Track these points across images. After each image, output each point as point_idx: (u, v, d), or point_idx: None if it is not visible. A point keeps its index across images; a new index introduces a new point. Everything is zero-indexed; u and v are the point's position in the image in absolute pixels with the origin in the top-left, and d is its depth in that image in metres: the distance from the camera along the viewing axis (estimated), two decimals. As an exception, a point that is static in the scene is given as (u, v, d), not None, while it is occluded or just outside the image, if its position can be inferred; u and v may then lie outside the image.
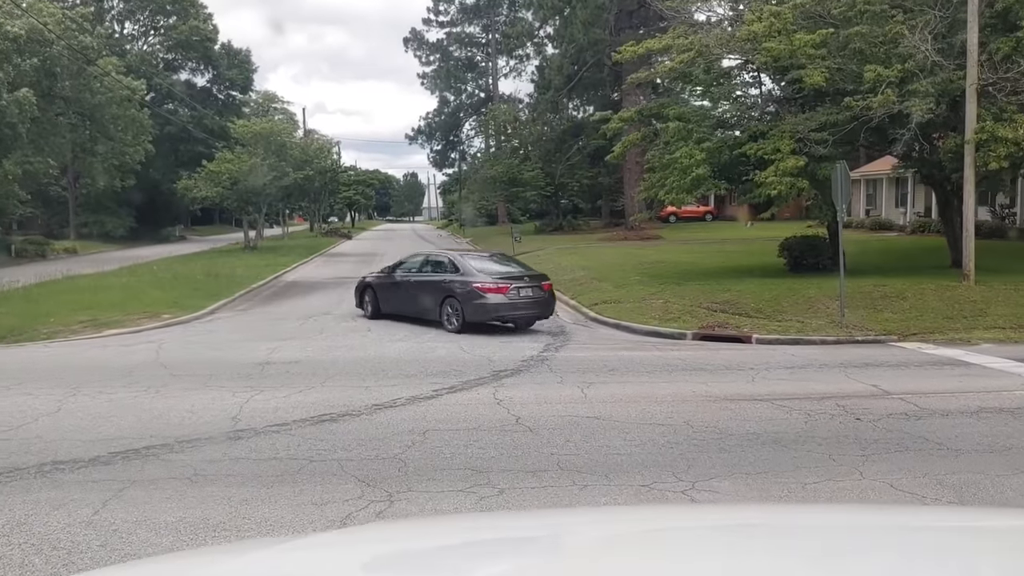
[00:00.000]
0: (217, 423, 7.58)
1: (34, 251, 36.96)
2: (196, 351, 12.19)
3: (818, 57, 16.29)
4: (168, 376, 10.04)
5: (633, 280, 19.47)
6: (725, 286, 17.09)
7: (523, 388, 9.19)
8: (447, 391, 9.01)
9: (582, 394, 8.82)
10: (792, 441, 6.89)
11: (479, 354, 11.61)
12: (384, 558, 1.73)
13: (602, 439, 6.99)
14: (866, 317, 14.27)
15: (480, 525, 2.32)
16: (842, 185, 13.77)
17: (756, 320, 14.59)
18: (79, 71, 38.05)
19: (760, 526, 1.94)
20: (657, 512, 2.95)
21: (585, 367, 10.58)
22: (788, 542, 1.72)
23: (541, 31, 50.26)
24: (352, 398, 8.64)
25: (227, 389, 9.15)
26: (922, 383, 9.48)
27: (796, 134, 16.23)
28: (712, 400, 8.53)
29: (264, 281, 23.65)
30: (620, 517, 2.36)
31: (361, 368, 10.61)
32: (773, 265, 19.89)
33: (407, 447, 6.76)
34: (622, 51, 18.42)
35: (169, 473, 6.08)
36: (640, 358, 11.44)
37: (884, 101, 14.58)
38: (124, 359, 11.42)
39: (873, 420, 7.56)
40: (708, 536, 1.81)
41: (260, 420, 7.68)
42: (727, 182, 19.11)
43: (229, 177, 36.66)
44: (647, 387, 9.30)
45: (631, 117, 18.57)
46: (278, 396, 8.75)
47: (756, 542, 1.74)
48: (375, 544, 1.89)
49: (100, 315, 15.51)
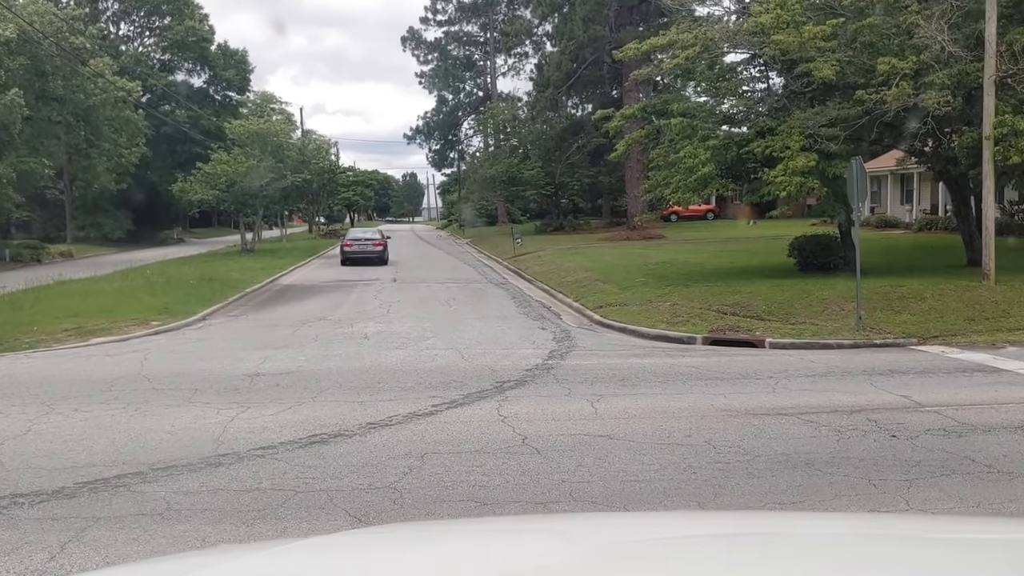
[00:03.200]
0: (197, 446, 6.99)
1: (29, 255, 36.32)
2: (183, 361, 11.59)
3: (828, 50, 15.69)
4: (150, 391, 9.45)
5: (638, 281, 18.87)
6: (734, 287, 16.50)
7: (529, 402, 8.59)
8: (447, 406, 8.41)
9: (592, 409, 8.22)
10: (826, 464, 6.29)
11: (481, 363, 11.01)
12: (385, 559, 1.72)
13: (617, 463, 6.40)
14: (884, 319, 13.67)
15: (483, 529, 2.32)
16: (858, 182, 13.17)
17: (768, 323, 14.00)
18: (72, 72, 37.48)
19: (766, 535, 1.90)
20: (659, 519, 2.90)
21: (593, 377, 9.98)
22: (794, 551, 1.69)
23: (540, 29, 49.68)
24: (345, 415, 8.05)
25: (212, 405, 8.56)
26: (955, 393, 8.87)
27: (806, 130, 15.63)
28: (733, 414, 7.93)
29: (259, 285, 23.05)
30: (623, 523, 2.36)
31: (356, 380, 10.01)
32: (782, 265, 19.28)
33: (404, 474, 6.16)
34: (625, 50, 17.82)
35: (139, 508, 5.48)
36: (651, 366, 10.84)
37: (899, 94, 13.98)
38: (106, 371, 10.82)
39: (910, 438, 6.96)
40: (710, 544, 1.78)
41: (244, 442, 7.08)
42: (733, 180, 18.51)
43: (225, 179, 36.07)
44: (661, 400, 8.69)
45: (634, 114, 17.96)
46: (266, 414, 8.15)
47: (762, 550, 1.71)
48: (377, 545, 1.90)
49: (87, 322, 14.91)
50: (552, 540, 1.91)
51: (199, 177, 36.34)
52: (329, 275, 27.78)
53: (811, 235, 19.11)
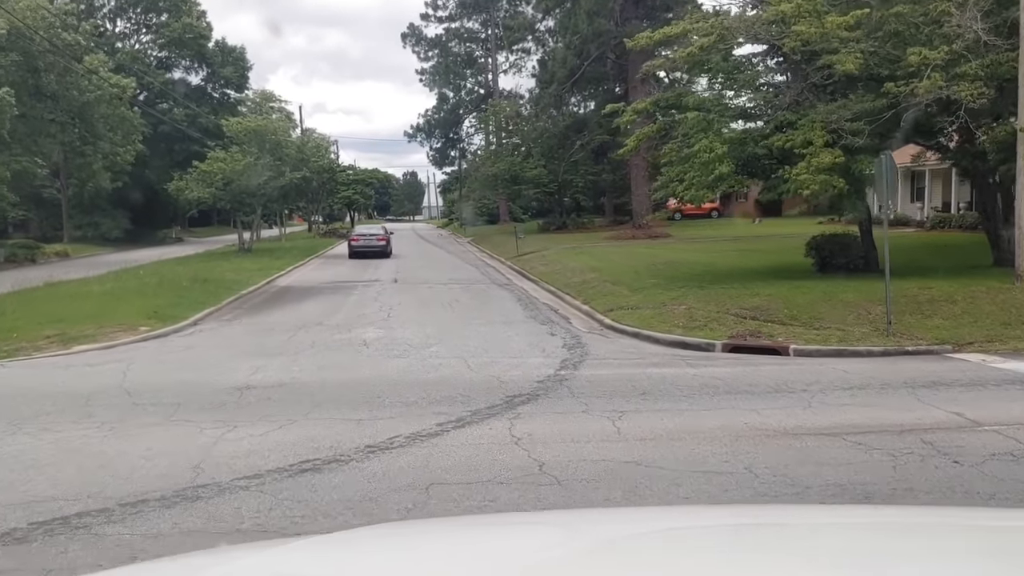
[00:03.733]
0: (174, 474, 6.22)
1: (24, 255, 35.48)
2: (169, 372, 10.81)
3: (851, 40, 14.90)
4: (130, 406, 8.67)
5: (649, 283, 18.09)
6: (751, 289, 15.72)
7: (543, 420, 7.81)
8: (454, 425, 7.63)
9: (614, 428, 7.44)
10: (887, 497, 5.52)
11: (488, 374, 10.23)
12: (386, 556, 1.71)
13: (649, 495, 5.62)
14: (914, 324, 12.90)
15: (484, 523, 2.33)
16: (889, 178, 12.40)
17: (791, 328, 13.21)
18: (65, 69, 36.69)
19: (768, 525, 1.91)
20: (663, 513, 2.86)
21: (611, 389, 9.20)
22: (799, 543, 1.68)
23: (542, 24, 48.86)
24: (341, 436, 7.27)
25: (194, 424, 7.79)
26: (1011, 409, 8.10)
27: (829, 124, 14.84)
28: (771, 435, 7.15)
29: (255, 287, 22.26)
30: (626, 517, 2.34)
31: (354, 393, 9.24)
32: (799, 265, 18.49)
33: (406, 511, 5.39)
34: (636, 39, 17.02)
35: (97, 556, 4.70)
36: (672, 376, 10.06)
37: (931, 86, 13.18)
38: (85, 383, 10.05)
39: (976, 464, 6.18)
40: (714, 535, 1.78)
41: (227, 470, 6.31)
42: (750, 177, 17.72)
43: (222, 177, 35.26)
44: (689, 417, 7.91)
45: (646, 108, 17.15)
46: (254, 434, 7.38)
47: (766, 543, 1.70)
48: (378, 541, 1.91)
49: (71, 328, 14.12)
50: (552, 534, 1.88)
51: (195, 175, 35.51)
52: (328, 275, 27.00)
53: (830, 234, 18.33)
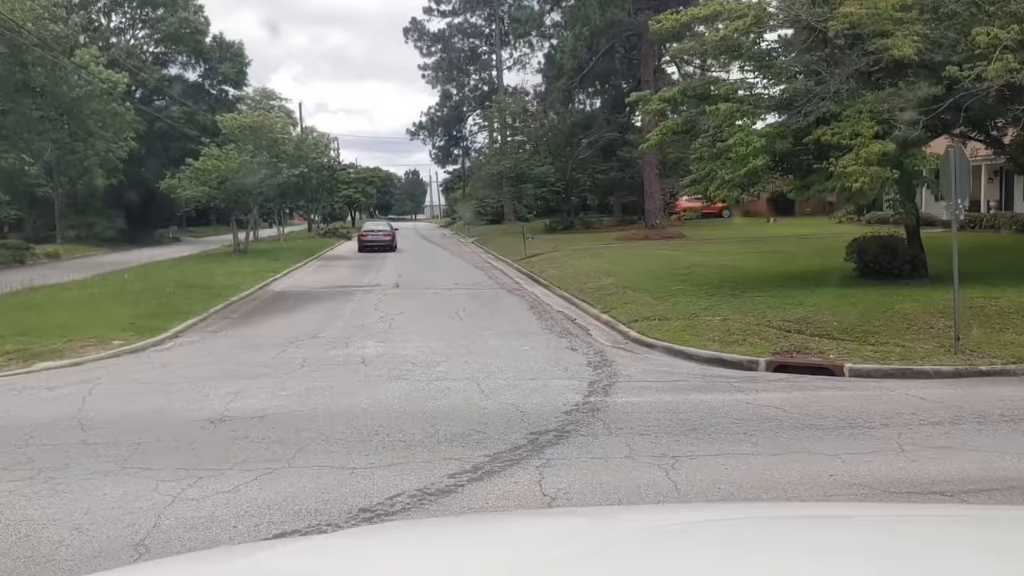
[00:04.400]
0: (109, 554, 4.76)
1: (11, 257, 33.96)
2: (135, 398, 9.34)
3: (905, 21, 13.41)
4: (79, 446, 7.21)
5: (675, 289, 16.59)
6: (792, 298, 14.21)
7: (579, 470, 6.33)
8: (469, 477, 6.15)
9: (670, 483, 5.96)
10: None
11: (505, 401, 8.76)
12: (388, 555, 1.69)
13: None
14: (983, 339, 11.39)
15: (488, 524, 2.29)
16: (958, 173, 10.91)
17: (842, 343, 11.71)
18: (54, 64, 35.27)
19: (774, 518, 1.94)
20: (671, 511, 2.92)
21: (655, 424, 7.71)
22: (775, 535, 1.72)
23: (548, 18, 47.37)
24: (329, 493, 5.81)
25: (151, 474, 6.33)
26: None
27: (879, 114, 13.35)
28: (868, 493, 5.68)
29: (247, 292, 20.77)
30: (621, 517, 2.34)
31: (348, 428, 7.76)
32: (837, 269, 16.95)
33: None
34: (661, 20, 15.54)
35: None
36: (720, 404, 8.58)
37: (1002, 68, 11.69)
38: (35, 412, 8.60)
39: None
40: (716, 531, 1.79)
41: (179, 547, 4.85)
42: (784, 174, 16.22)
43: (216, 175, 33.80)
44: (758, 466, 6.41)
45: (673, 97, 15.67)
46: (221, 490, 5.92)
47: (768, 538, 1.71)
48: (382, 538, 1.92)
49: (36, 342, 12.69)
50: (561, 533, 1.86)
51: (188, 173, 34.02)
52: (326, 279, 25.53)
53: (873, 235, 16.80)
